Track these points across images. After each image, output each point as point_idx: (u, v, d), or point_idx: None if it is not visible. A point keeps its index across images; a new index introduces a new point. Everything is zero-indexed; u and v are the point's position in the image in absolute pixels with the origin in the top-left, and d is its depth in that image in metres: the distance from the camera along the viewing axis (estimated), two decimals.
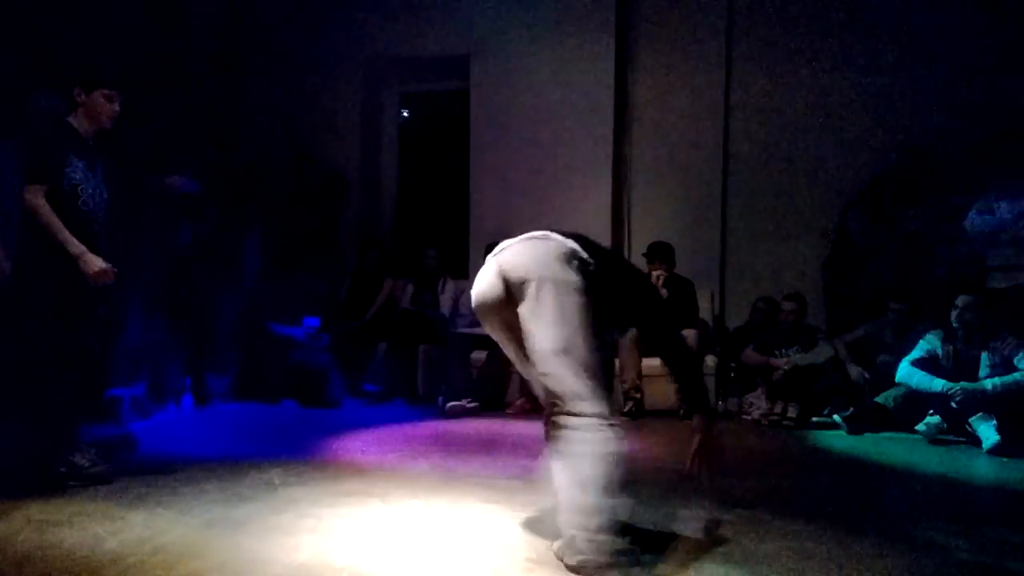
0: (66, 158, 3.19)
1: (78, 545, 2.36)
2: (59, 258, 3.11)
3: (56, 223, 3.08)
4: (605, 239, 6.17)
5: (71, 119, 3.28)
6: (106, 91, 3.29)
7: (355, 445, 4.07)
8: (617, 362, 5.23)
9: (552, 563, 2.25)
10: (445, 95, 7.10)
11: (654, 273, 5.40)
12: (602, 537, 2.06)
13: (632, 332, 5.23)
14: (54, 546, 2.35)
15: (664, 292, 5.35)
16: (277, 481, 3.17)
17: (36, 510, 2.71)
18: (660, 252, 5.45)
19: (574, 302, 2.21)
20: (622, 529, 2.18)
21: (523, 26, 6.31)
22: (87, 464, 3.12)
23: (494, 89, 6.44)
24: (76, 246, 3.09)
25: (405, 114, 7.39)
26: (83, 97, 3.26)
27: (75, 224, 3.17)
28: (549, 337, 2.18)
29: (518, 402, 5.29)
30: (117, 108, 3.34)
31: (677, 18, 6.18)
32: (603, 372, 2.26)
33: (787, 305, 5.26)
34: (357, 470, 3.44)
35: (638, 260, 5.92)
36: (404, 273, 6.33)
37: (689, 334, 5.15)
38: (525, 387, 5.25)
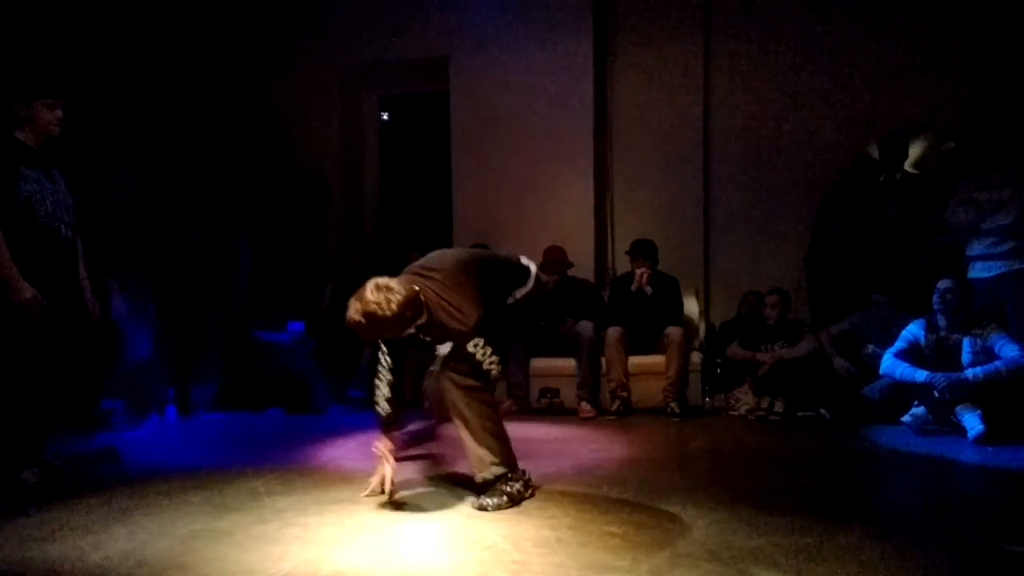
0: (14, 172, 3.18)
1: (61, 560, 2.33)
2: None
3: None
4: (588, 238, 6.19)
5: (17, 133, 3.29)
6: (46, 100, 3.31)
7: (341, 451, 4.05)
8: (603, 360, 5.24)
9: (539, 566, 2.25)
10: (425, 97, 7.08)
11: (638, 271, 5.41)
12: None
13: (617, 330, 5.24)
14: (37, 561, 2.33)
15: (648, 290, 5.36)
16: (262, 490, 3.15)
17: (18, 525, 2.68)
18: (643, 250, 5.46)
19: None
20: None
21: (501, 26, 6.30)
22: (33, 480, 3.12)
23: (474, 90, 6.43)
24: (9, 271, 3.08)
25: (385, 117, 7.37)
26: (24, 110, 3.29)
27: (32, 237, 3.19)
28: None
29: (504, 404, 5.26)
30: (60, 114, 3.36)
31: (656, 17, 6.20)
32: None
33: (770, 300, 5.29)
34: (343, 477, 3.43)
35: (621, 258, 5.95)
36: (388, 276, 6.29)
37: (674, 331, 5.17)
38: (512, 389, 5.24)
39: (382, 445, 3.03)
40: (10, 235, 3.13)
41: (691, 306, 5.72)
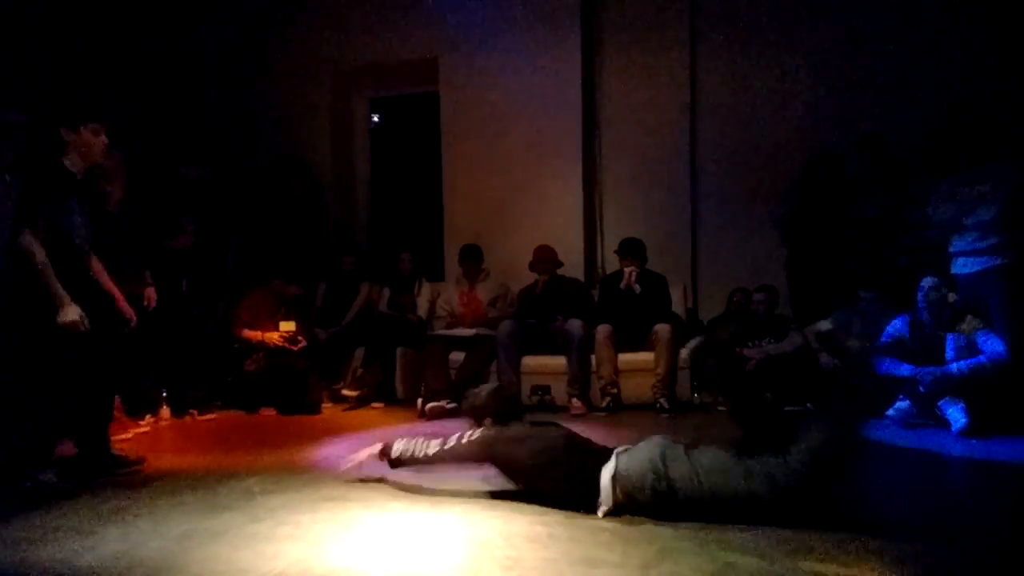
0: (64, 204, 3.29)
1: (54, 561, 2.34)
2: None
3: (48, 270, 3.16)
4: (577, 237, 6.23)
5: (64, 160, 3.35)
6: (92, 125, 3.38)
7: (335, 450, 4.05)
8: (593, 358, 5.28)
9: (531, 561, 2.28)
10: (415, 98, 7.10)
11: (626, 269, 5.45)
12: None
13: (607, 328, 5.28)
14: (30, 564, 2.34)
15: (637, 288, 5.40)
16: (256, 489, 3.16)
17: (11, 527, 2.69)
18: (631, 248, 5.50)
19: None
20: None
21: (490, 28, 6.33)
22: (53, 480, 3.15)
23: (463, 91, 6.46)
24: (60, 295, 3.17)
25: (376, 119, 7.39)
26: (71, 136, 3.35)
27: (68, 262, 3.28)
28: None
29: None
30: (105, 140, 3.44)
31: (643, 19, 6.22)
32: None
33: (757, 296, 5.34)
34: (337, 476, 3.44)
35: (610, 257, 5.98)
36: (380, 277, 6.33)
37: (663, 328, 5.21)
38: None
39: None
40: (55, 260, 3.22)
41: (679, 303, 5.76)
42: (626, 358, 5.28)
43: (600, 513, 2.67)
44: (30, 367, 3.24)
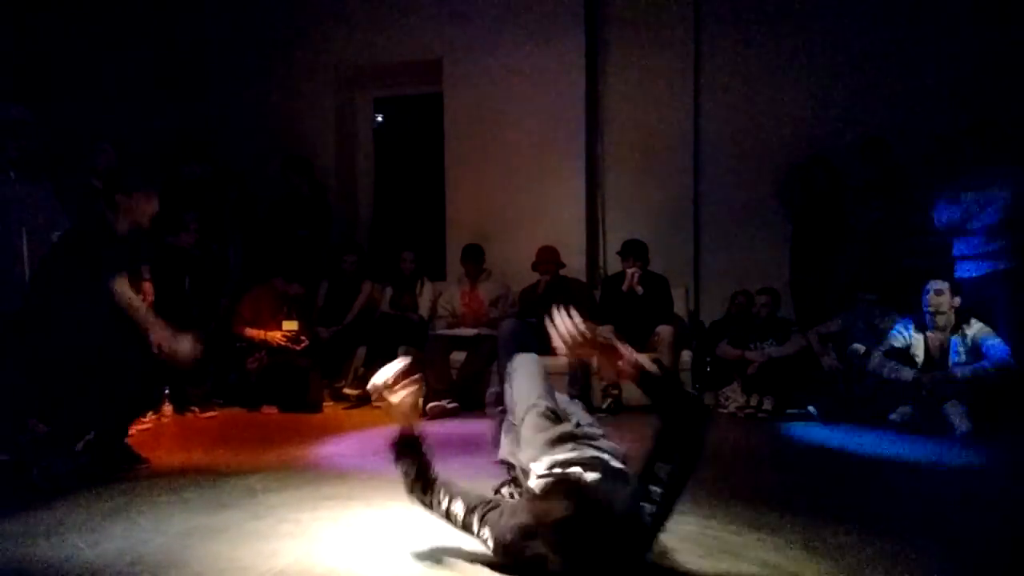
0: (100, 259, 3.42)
1: (55, 558, 2.34)
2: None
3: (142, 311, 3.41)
4: (580, 238, 6.22)
5: (110, 217, 3.52)
6: (148, 192, 3.58)
7: (336, 449, 4.07)
8: (594, 359, 5.27)
9: None
10: (419, 99, 7.11)
11: (629, 270, 5.45)
12: None
13: (608, 329, 5.27)
14: (30, 559, 2.34)
15: (639, 289, 5.40)
16: (257, 487, 3.17)
17: (12, 523, 2.69)
18: (634, 249, 5.50)
19: None
20: None
21: (494, 29, 6.34)
22: (63, 470, 3.19)
23: (467, 92, 6.46)
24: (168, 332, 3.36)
25: (379, 118, 7.40)
26: (126, 201, 3.52)
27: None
28: None
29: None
30: (157, 207, 3.63)
31: (647, 19, 6.22)
32: None
33: (760, 299, 5.34)
34: (338, 474, 3.44)
35: (612, 258, 5.98)
36: (382, 276, 6.33)
37: (664, 330, 5.20)
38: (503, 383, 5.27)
39: None
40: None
41: (680, 305, 5.75)
42: None
43: None
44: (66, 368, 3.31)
